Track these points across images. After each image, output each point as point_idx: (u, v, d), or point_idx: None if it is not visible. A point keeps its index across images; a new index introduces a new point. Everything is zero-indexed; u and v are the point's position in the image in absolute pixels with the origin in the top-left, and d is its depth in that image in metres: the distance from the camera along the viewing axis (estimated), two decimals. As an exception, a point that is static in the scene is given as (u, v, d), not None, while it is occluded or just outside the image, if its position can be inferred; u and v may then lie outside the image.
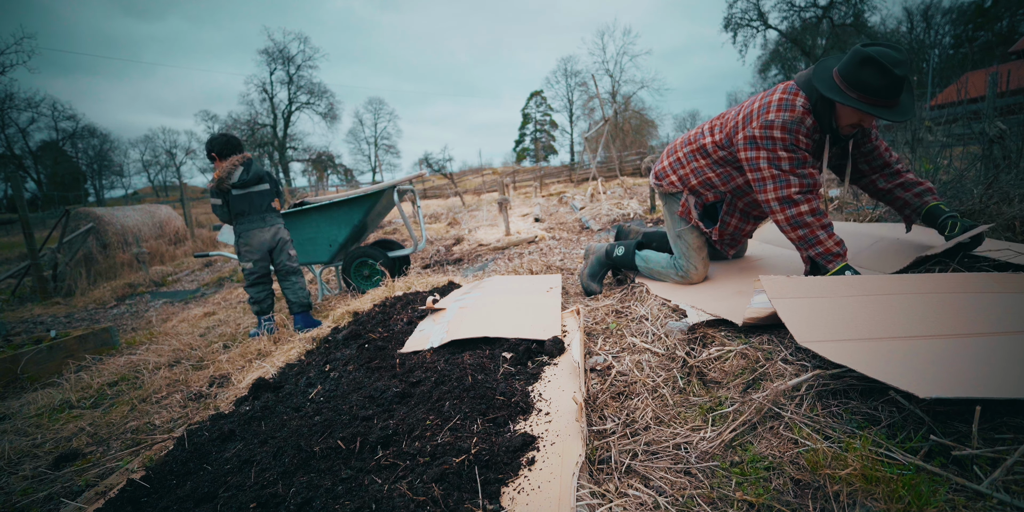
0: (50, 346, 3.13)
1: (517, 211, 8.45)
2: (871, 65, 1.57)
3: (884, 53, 1.57)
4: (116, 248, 8.61)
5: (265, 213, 3.16)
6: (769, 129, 1.76)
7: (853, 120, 1.71)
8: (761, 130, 1.78)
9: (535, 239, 5.00)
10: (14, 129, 29.34)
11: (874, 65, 1.57)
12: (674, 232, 2.20)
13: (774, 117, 1.75)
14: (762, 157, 1.80)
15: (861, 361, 1.07)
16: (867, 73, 1.59)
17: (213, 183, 3.05)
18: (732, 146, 1.92)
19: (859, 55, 1.60)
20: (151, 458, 1.64)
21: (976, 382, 0.96)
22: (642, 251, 2.37)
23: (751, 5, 28.73)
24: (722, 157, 1.98)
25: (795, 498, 0.93)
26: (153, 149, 40.99)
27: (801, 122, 1.73)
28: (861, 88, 1.61)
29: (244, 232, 3.10)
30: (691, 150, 2.09)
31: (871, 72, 1.58)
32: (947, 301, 1.34)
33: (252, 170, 3.09)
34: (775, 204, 1.81)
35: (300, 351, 2.45)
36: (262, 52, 36.31)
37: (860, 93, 1.62)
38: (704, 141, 2.04)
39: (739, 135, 1.86)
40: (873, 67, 1.57)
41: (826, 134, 1.79)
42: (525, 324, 1.89)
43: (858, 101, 1.63)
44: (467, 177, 30.96)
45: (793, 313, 1.33)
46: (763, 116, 1.78)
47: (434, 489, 1.00)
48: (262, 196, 3.16)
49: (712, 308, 1.79)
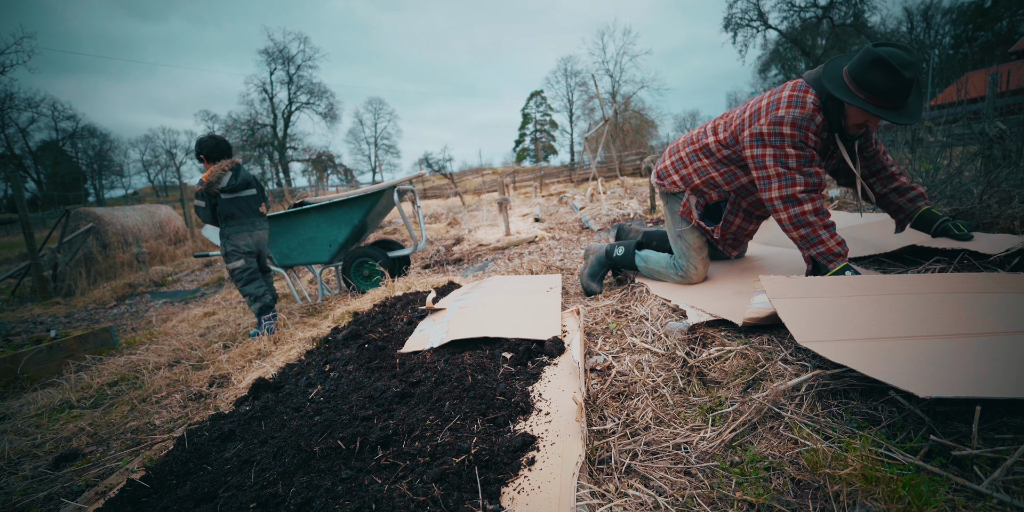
0: (50, 346, 3.13)
1: (517, 211, 8.45)
2: (880, 66, 1.56)
3: (895, 54, 1.55)
4: (116, 248, 8.61)
5: (254, 217, 3.26)
6: (779, 125, 1.73)
7: (860, 120, 1.71)
8: (770, 126, 1.75)
9: (535, 239, 5.00)
10: (14, 129, 29.36)
11: (884, 66, 1.55)
12: (675, 232, 2.19)
13: (784, 113, 1.73)
14: (768, 155, 1.78)
15: (861, 361, 1.07)
16: (876, 74, 1.57)
17: (201, 186, 3.07)
18: (737, 145, 1.89)
19: (870, 55, 1.58)
20: (151, 458, 1.64)
21: (976, 382, 0.96)
22: (642, 251, 2.37)
23: (751, 5, 28.73)
24: (726, 156, 1.95)
25: (795, 498, 0.93)
26: (153, 149, 41.02)
27: (811, 119, 1.71)
28: (869, 89, 1.60)
29: (233, 234, 3.14)
30: (694, 150, 2.06)
31: (880, 73, 1.57)
32: (947, 301, 1.34)
33: (240, 175, 3.16)
34: (779, 203, 1.79)
35: (300, 351, 2.45)
36: (262, 52, 36.34)
37: (868, 94, 1.61)
38: (707, 140, 2.01)
39: (745, 132, 1.83)
40: (882, 68, 1.56)
41: (834, 133, 1.78)
42: (525, 324, 1.89)
43: (865, 102, 1.62)
44: (467, 177, 30.97)
45: (793, 313, 1.33)
46: (773, 112, 1.75)
47: (434, 489, 1.00)
48: (250, 200, 3.24)
49: (712, 308, 1.79)
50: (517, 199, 11.37)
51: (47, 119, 31.20)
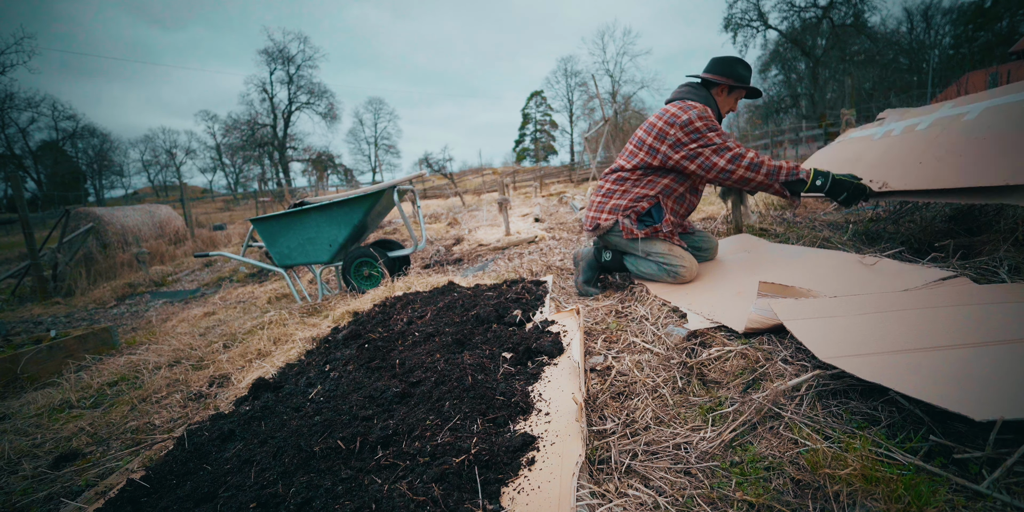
0: (50, 346, 3.13)
1: (517, 211, 8.45)
2: (740, 63, 2.30)
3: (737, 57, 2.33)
4: (116, 248, 8.62)
5: None
6: (689, 125, 2.11)
7: (730, 105, 2.34)
8: (683, 129, 2.12)
9: (535, 239, 5.00)
10: (14, 129, 29.36)
11: (742, 63, 2.30)
12: (640, 254, 2.31)
13: (685, 116, 2.11)
14: (696, 146, 2.12)
15: (895, 378, 1.03)
16: (741, 68, 2.29)
17: None
18: (654, 162, 2.23)
19: (730, 58, 2.31)
20: (151, 458, 1.64)
21: None
22: (628, 256, 2.40)
23: (751, 5, 28.73)
24: (641, 174, 2.28)
25: (795, 498, 0.93)
26: (153, 149, 41.04)
27: (705, 111, 2.13)
28: (738, 78, 2.28)
29: None
30: (613, 182, 2.35)
31: (742, 67, 2.29)
32: (962, 312, 1.31)
33: None
34: (730, 166, 2.10)
35: (300, 351, 2.45)
36: (262, 52, 36.35)
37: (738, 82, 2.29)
38: (621, 173, 2.33)
39: (663, 148, 2.18)
40: (742, 64, 2.30)
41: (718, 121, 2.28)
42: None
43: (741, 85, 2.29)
44: (467, 177, 30.95)
45: (809, 332, 1.32)
46: (676, 122, 2.13)
47: (434, 489, 1.00)
48: None
49: (713, 313, 1.79)
50: (517, 199, 11.37)
51: (47, 119, 31.23)
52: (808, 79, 29.07)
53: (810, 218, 3.46)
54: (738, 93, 2.35)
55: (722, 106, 2.33)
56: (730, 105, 2.36)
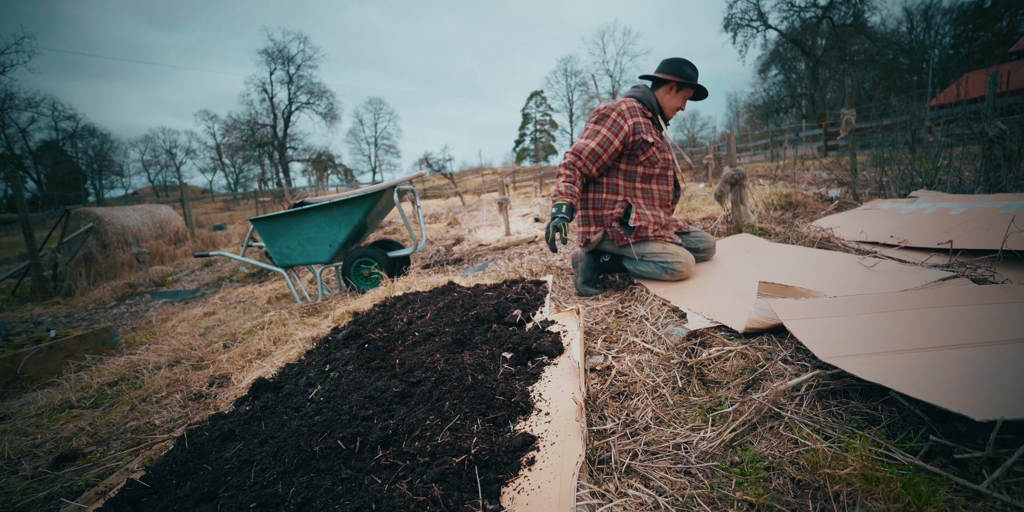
0: (50, 346, 3.13)
1: (517, 211, 8.45)
2: (687, 63, 2.44)
3: (685, 59, 2.47)
4: (116, 248, 8.62)
5: None
6: (595, 113, 2.34)
7: (678, 103, 2.48)
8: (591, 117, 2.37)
9: (535, 239, 5.00)
10: (14, 129, 29.36)
11: (688, 63, 2.44)
12: (636, 258, 2.34)
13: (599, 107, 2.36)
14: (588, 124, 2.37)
15: (895, 378, 1.03)
16: (687, 67, 2.43)
17: None
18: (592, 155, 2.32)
19: (677, 60, 2.45)
20: (151, 458, 1.64)
21: None
22: (626, 258, 2.42)
23: (751, 5, 28.71)
24: (599, 176, 2.39)
25: (795, 498, 0.93)
26: (153, 149, 41.04)
27: (628, 102, 2.34)
28: (684, 76, 2.42)
29: None
30: (588, 192, 2.45)
31: (688, 67, 2.44)
32: (963, 313, 1.31)
33: None
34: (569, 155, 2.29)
35: (300, 351, 2.45)
36: (262, 52, 36.37)
37: (686, 79, 2.42)
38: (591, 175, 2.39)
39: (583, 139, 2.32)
40: (688, 64, 2.44)
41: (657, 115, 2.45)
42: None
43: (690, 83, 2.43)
44: (467, 177, 30.95)
45: (809, 333, 1.32)
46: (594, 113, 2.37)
47: (434, 489, 1.00)
48: None
49: (713, 312, 1.79)
50: (517, 199, 11.37)
51: (47, 119, 31.24)
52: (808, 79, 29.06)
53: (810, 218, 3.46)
54: (685, 92, 2.47)
55: (666, 103, 2.47)
56: (677, 103, 2.49)
